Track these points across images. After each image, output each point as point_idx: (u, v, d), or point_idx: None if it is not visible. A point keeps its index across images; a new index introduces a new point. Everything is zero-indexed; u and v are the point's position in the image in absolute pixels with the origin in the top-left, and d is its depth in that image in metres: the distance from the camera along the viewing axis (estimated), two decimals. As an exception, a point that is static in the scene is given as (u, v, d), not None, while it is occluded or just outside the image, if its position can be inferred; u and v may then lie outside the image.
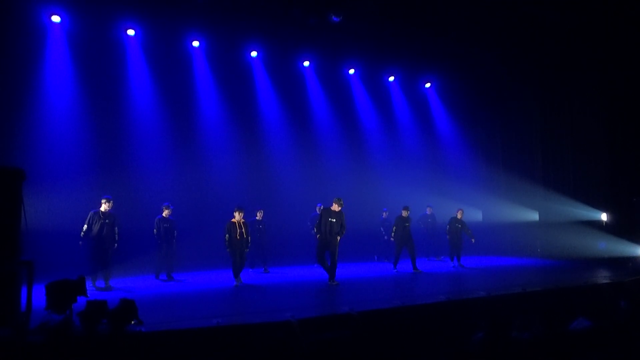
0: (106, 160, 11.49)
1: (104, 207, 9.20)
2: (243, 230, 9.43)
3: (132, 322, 5.41)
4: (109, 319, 5.26)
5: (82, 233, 9.02)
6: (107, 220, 9.15)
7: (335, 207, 9.48)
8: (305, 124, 14.53)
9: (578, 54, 12.97)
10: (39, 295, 5.48)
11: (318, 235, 9.43)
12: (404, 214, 11.30)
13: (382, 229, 13.54)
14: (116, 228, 9.33)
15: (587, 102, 13.25)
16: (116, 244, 9.29)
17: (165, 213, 10.18)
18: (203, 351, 5.27)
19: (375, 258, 13.50)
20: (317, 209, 12.60)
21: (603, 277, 9.54)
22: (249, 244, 9.73)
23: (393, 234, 11.44)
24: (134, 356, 5.07)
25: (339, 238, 9.32)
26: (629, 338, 4.47)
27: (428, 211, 13.83)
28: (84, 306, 5.26)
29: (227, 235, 9.38)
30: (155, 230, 10.06)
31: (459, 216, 12.26)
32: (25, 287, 5.26)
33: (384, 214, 13.66)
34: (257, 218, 11.67)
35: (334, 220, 9.36)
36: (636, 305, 5.62)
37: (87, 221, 9.07)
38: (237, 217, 9.45)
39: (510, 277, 10.20)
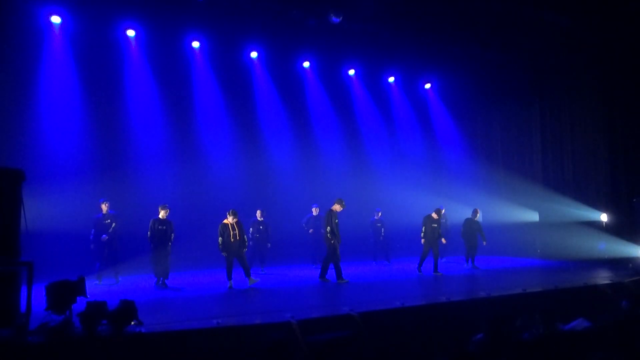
0: (106, 161, 11.49)
1: (104, 209, 9.80)
2: (237, 231, 9.18)
3: (132, 323, 5.42)
4: (108, 320, 5.26)
5: (92, 237, 9.73)
6: (107, 221, 9.71)
7: (340, 208, 9.72)
8: (305, 125, 14.53)
9: (578, 54, 12.97)
10: (38, 295, 5.48)
11: (333, 241, 9.52)
12: (434, 215, 11.13)
13: (371, 230, 13.46)
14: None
15: (587, 102, 13.24)
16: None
17: (161, 214, 9.64)
18: (203, 351, 5.27)
19: (374, 264, 13.33)
20: (314, 210, 12.58)
21: (603, 277, 9.54)
22: (246, 244, 9.53)
23: (423, 234, 11.14)
24: (133, 357, 5.07)
25: None
26: (629, 338, 4.47)
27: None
28: (83, 307, 5.26)
29: (220, 239, 9.11)
30: (149, 232, 9.48)
31: (476, 217, 12.10)
32: (25, 288, 5.27)
33: (377, 214, 13.57)
34: (257, 218, 11.66)
35: (337, 221, 9.64)
36: (636, 305, 5.63)
37: (93, 226, 9.77)
38: (230, 219, 9.22)
39: (511, 278, 10.20)
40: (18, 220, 5.34)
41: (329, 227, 9.54)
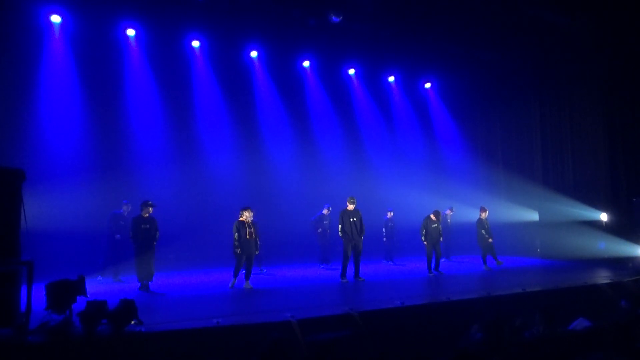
0: (106, 160, 11.49)
1: (124, 209, 10.34)
2: (252, 230, 9.12)
3: (132, 322, 5.42)
4: (108, 319, 5.26)
5: (107, 230, 10.23)
6: (122, 222, 10.16)
7: (351, 207, 9.84)
8: (304, 124, 14.53)
9: (578, 54, 12.96)
10: (39, 295, 5.48)
11: (344, 238, 9.66)
12: (432, 217, 11.04)
13: (383, 229, 13.44)
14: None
15: (587, 102, 13.23)
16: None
17: (144, 212, 8.95)
18: (203, 351, 5.27)
19: (383, 262, 13.31)
20: (325, 210, 12.58)
21: (603, 277, 9.54)
22: (259, 246, 9.45)
23: (423, 236, 11.00)
24: (134, 356, 5.07)
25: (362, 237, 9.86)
26: (629, 338, 4.46)
27: (448, 212, 13.67)
28: (83, 306, 5.26)
29: (236, 234, 8.94)
30: (131, 232, 8.86)
31: (483, 217, 11.93)
32: (25, 287, 5.27)
33: (389, 214, 13.53)
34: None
35: (355, 219, 9.77)
36: (636, 305, 5.63)
37: (110, 219, 10.23)
38: (246, 215, 9.14)
39: (511, 277, 10.19)
40: (18, 220, 5.35)
41: (340, 226, 9.79)
